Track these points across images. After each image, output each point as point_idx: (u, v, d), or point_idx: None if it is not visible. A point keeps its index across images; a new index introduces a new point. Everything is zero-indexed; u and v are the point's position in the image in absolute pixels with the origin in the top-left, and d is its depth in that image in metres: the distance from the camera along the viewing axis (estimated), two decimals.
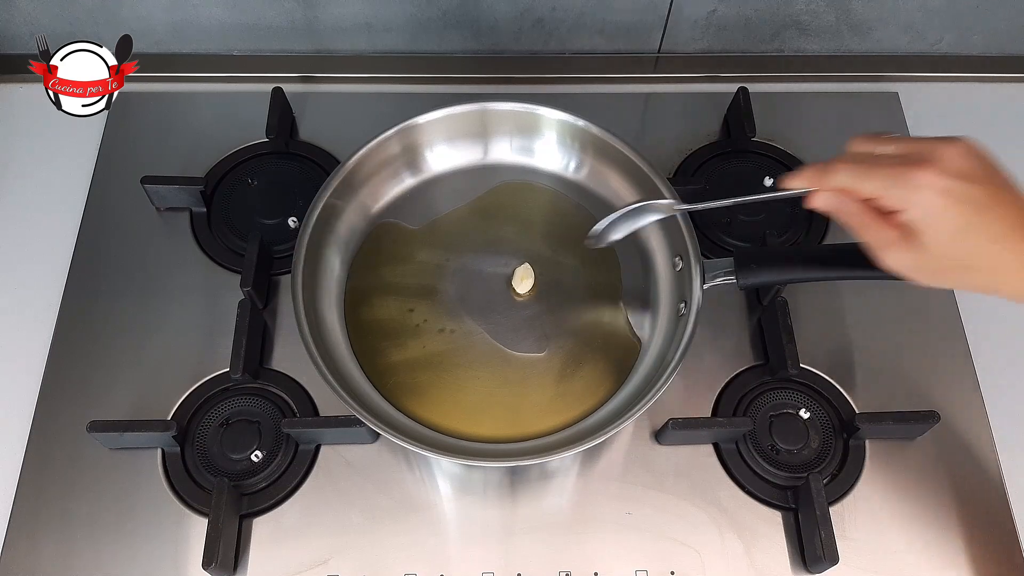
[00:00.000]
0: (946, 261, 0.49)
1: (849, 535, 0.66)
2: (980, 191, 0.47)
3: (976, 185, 0.47)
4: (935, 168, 0.47)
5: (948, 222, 0.47)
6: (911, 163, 0.47)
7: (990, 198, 0.47)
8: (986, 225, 0.47)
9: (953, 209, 0.47)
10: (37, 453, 0.68)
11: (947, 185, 0.47)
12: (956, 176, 0.47)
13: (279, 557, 0.65)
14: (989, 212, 0.47)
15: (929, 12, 0.88)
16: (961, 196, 0.47)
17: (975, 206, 0.47)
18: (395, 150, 0.74)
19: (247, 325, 0.70)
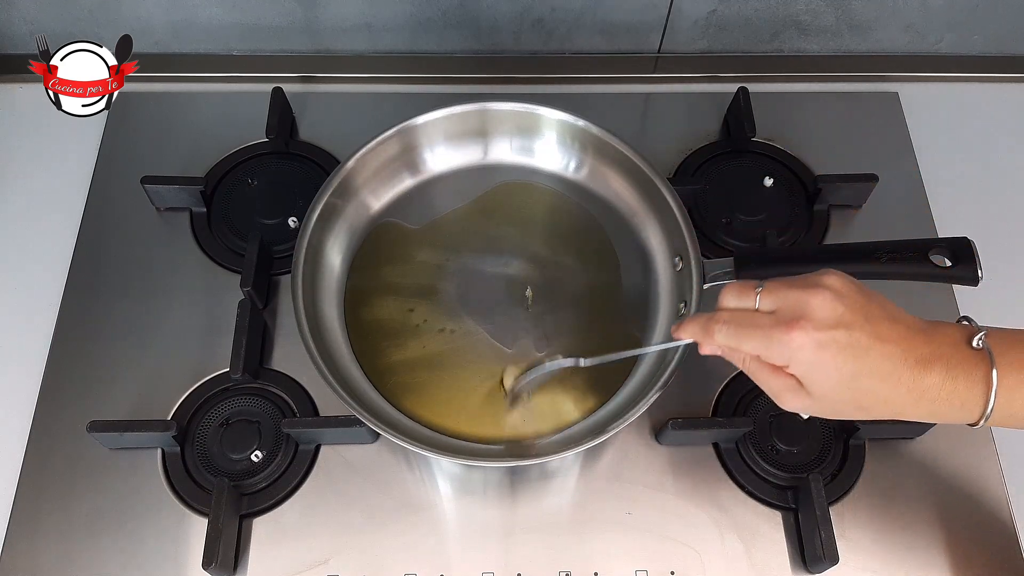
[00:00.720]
0: (841, 405, 0.49)
1: (849, 535, 0.66)
2: (857, 335, 0.47)
3: (852, 331, 0.47)
4: (806, 325, 0.47)
5: (832, 374, 0.48)
6: (783, 323, 0.48)
7: (868, 338, 0.47)
8: (870, 367, 0.47)
9: (832, 361, 0.47)
10: (37, 453, 0.68)
11: (821, 339, 0.47)
12: (829, 327, 0.47)
13: (279, 557, 0.65)
14: (870, 353, 0.47)
15: (929, 12, 0.88)
16: (838, 347, 0.47)
17: (854, 352, 0.47)
18: (395, 150, 0.74)
19: (247, 325, 0.70)
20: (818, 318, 0.47)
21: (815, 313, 0.47)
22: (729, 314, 0.51)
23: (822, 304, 0.47)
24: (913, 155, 0.85)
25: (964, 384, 0.47)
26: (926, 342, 0.48)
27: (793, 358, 0.48)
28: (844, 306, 0.47)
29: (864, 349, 0.47)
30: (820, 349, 0.47)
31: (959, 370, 0.47)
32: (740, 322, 0.50)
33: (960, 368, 0.47)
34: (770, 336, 0.48)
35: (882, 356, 0.47)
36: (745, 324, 0.50)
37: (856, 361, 0.47)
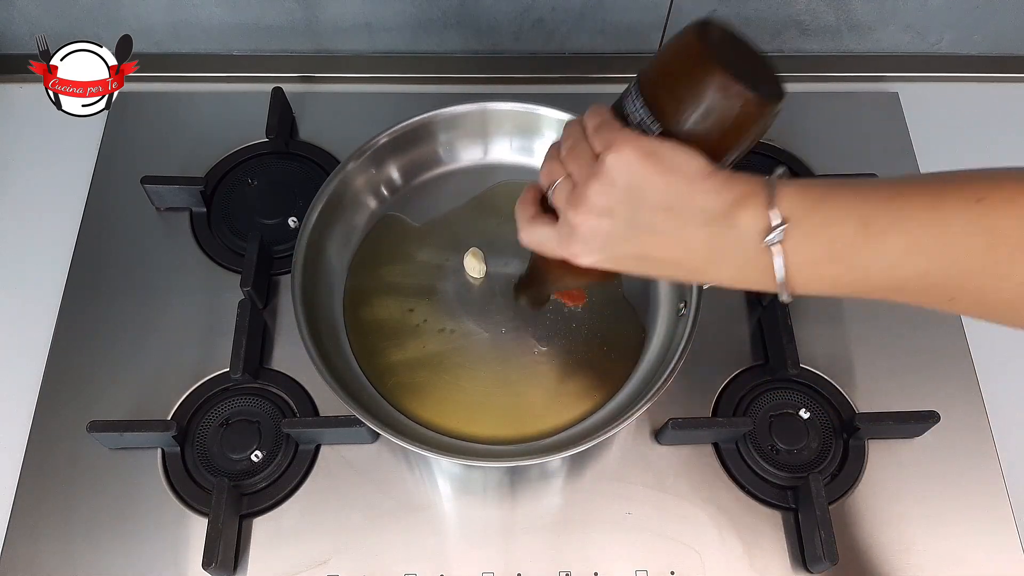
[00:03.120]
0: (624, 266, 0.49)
1: (849, 535, 0.66)
2: (623, 232, 0.46)
3: (617, 226, 0.46)
4: (580, 207, 0.46)
5: (604, 255, 0.48)
6: (572, 198, 0.47)
7: (637, 238, 0.46)
8: (642, 264, 0.47)
9: (604, 245, 0.47)
10: (37, 453, 0.68)
11: (593, 225, 0.47)
12: (598, 215, 0.46)
13: (279, 557, 0.65)
14: (645, 253, 0.47)
15: (929, 12, 0.88)
16: (608, 235, 0.47)
17: (625, 242, 0.47)
18: (395, 150, 0.74)
19: (247, 325, 0.70)
20: (591, 204, 0.46)
21: (590, 198, 0.46)
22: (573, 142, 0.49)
23: (598, 191, 0.46)
24: (913, 155, 0.85)
25: (755, 278, 0.45)
26: (709, 237, 0.45)
27: (572, 234, 0.48)
28: (614, 198, 0.45)
29: (635, 244, 0.46)
30: (592, 233, 0.47)
31: (749, 268, 0.45)
32: (573, 153, 0.48)
33: (749, 269, 0.45)
34: (567, 200, 0.48)
35: (656, 261, 0.47)
36: (573, 156, 0.48)
37: (626, 248, 0.47)
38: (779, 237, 0.43)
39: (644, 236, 0.46)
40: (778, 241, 0.43)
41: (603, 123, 0.46)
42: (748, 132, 0.45)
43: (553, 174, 0.49)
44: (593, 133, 0.47)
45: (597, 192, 0.45)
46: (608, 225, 0.46)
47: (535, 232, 0.52)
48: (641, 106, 0.46)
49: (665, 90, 0.45)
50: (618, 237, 0.46)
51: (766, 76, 0.45)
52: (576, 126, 0.49)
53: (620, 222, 0.46)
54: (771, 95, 0.44)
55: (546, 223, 0.51)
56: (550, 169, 0.50)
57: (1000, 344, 0.76)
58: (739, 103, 0.43)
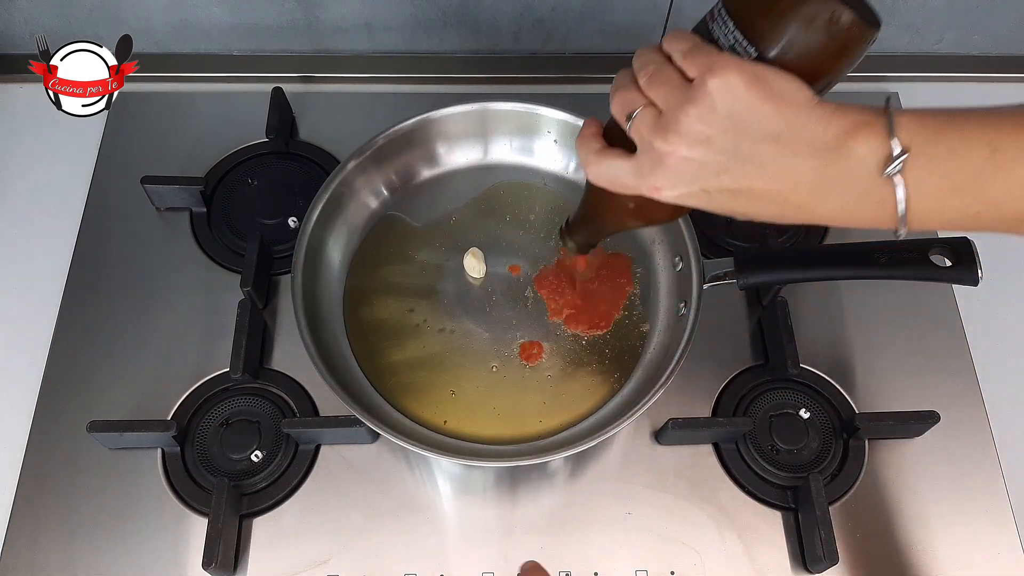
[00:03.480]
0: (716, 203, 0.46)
1: (849, 535, 0.66)
2: (720, 174, 0.43)
3: (715, 163, 0.43)
4: (672, 137, 0.43)
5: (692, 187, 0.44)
6: (659, 126, 0.43)
7: (733, 177, 0.43)
8: (736, 203, 0.44)
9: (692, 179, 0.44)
10: (37, 453, 0.68)
11: (686, 155, 0.43)
12: (694, 144, 0.43)
13: (279, 557, 0.65)
14: (738, 192, 0.44)
15: (929, 12, 0.88)
16: (700, 166, 0.43)
17: (718, 179, 0.44)
18: (395, 150, 0.74)
19: (247, 325, 0.70)
20: (686, 131, 0.42)
21: (686, 125, 0.42)
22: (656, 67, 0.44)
23: (696, 117, 0.42)
24: None
25: (869, 211, 0.42)
26: (819, 168, 0.42)
27: (659, 165, 0.44)
28: (715, 125, 0.42)
29: (733, 176, 0.43)
30: (684, 163, 0.43)
31: (863, 202, 0.42)
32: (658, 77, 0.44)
33: (864, 202, 0.42)
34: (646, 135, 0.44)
35: (754, 195, 0.44)
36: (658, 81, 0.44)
37: (721, 181, 0.44)
38: (900, 167, 0.40)
39: (745, 167, 0.43)
40: (899, 171, 0.40)
41: (695, 47, 0.43)
42: (846, 59, 0.42)
43: (631, 102, 0.44)
44: (684, 57, 0.43)
45: (695, 118, 0.42)
46: (704, 154, 0.42)
47: (607, 165, 0.47)
48: (733, 29, 0.43)
49: (761, 12, 0.42)
50: (714, 167, 0.43)
51: (861, 2, 0.43)
52: (654, 52, 0.45)
53: (719, 151, 0.42)
54: (871, 21, 0.42)
55: (619, 155, 0.46)
56: (626, 97, 0.45)
57: (1000, 344, 0.76)
58: (841, 27, 0.41)
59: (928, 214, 0.42)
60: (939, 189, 0.41)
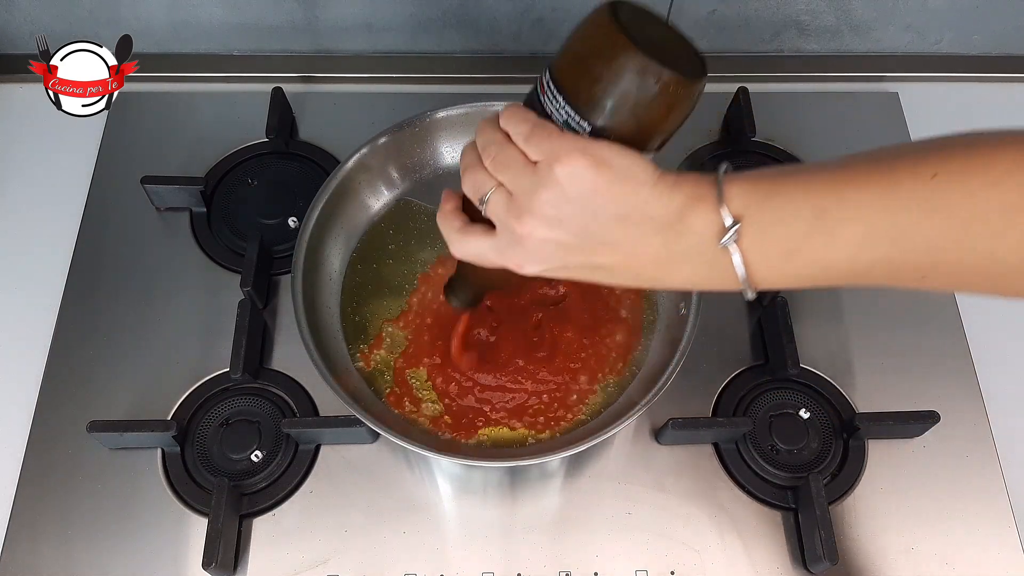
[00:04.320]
0: None
1: (849, 535, 0.66)
2: (574, 245, 0.44)
3: (570, 240, 0.44)
4: (529, 221, 0.44)
5: (547, 264, 0.46)
6: (514, 209, 0.44)
7: (587, 249, 0.45)
8: (594, 274, 0.46)
9: (550, 257, 0.45)
10: (37, 453, 0.68)
11: (544, 236, 0.44)
12: (551, 226, 0.44)
13: (279, 557, 0.65)
14: (595, 263, 0.45)
15: (929, 12, 0.88)
16: (557, 245, 0.45)
17: (575, 255, 0.45)
18: (395, 150, 0.74)
19: (247, 325, 0.70)
20: (540, 215, 0.44)
21: (538, 209, 0.43)
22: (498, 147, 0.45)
23: (547, 201, 0.43)
24: None
25: (717, 278, 0.44)
26: (663, 244, 0.43)
27: (517, 245, 0.46)
28: (566, 210, 0.43)
29: (586, 254, 0.45)
30: (540, 245, 0.45)
31: (708, 270, 0.44)
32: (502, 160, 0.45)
33: (709, 271, 0.44)
34: (502, 219, 0.45)
35: (609, 270, 0.45)
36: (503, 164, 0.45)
37: (577, 259, 0.45)
38: (734, 236, 0.42)
39: (598, 246, 0.44)
40: (734, 240, 0.42)
41: (536, 128, 0.44)
42: (677, 115, 0.44)
43: (482, 185, 0.46)
44: (526, 140, 0.44)
45: (546, 203, 0.43)
46: (559, 236, 0.44)
47: (470, 244, 0.49)
48: (564, 104, 0.43)
49: (585, 86, 0.43)
50: (570, 248, 0.45)
51: (686, 52, 0.44)
52: (494, 131, 0.46)
53: (572, 233, 0.44)
54: (694, 72, 0.43)
55: (481, 233, 0.48)
56: (476, 179, 0.46)
57: (1000, 344, 0.76)
58: (666, 87, 0.41)
59: (769, 278, 0.43)
60: (774, 254, 0.43)
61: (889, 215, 0.40)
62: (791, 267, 0.43)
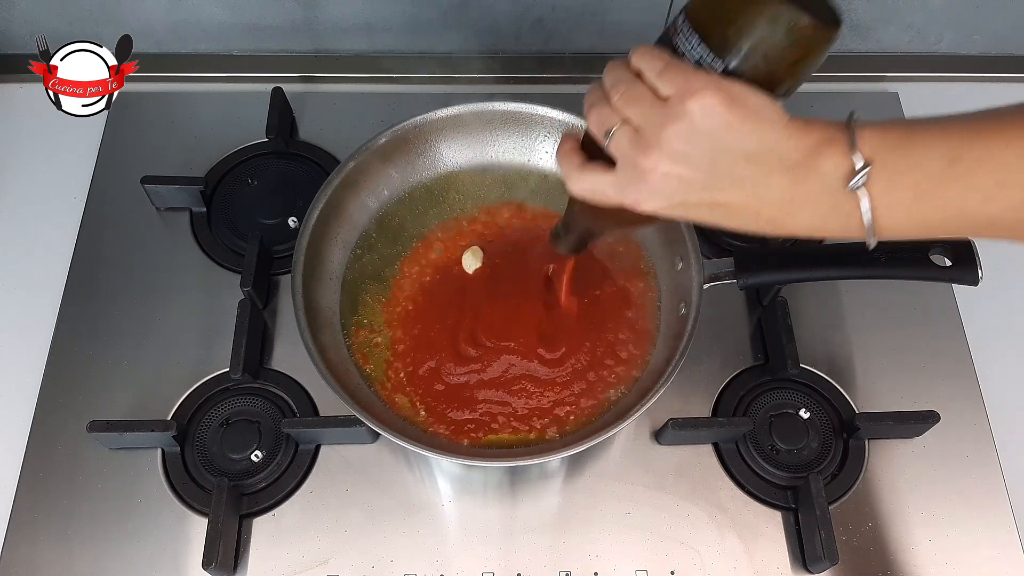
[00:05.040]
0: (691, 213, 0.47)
1: (849, 535, 0.66)
2: (698, 188, 0.45)
3: (694, 180, 0.44)
4: (654, 154, 0.44)
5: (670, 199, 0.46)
6: (641, 143, 0.44)
7: (710, 193, 0.45)
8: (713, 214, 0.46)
9: (672, 193, 0.45)
10: (37, 453, 0.68)
11: (667, 170, 0.44)
12: (675, 162, 0.44)
13: (279, 557, 0.65)
14: (715, 204, 0.45)
15: (929, 12, 0.88)
16: (680, 182, 0.45)
17: (696, 193, 0.45)
18: (395, 150, 0.74)
19: (247, 325, 0.70)
20: (667, 149, 0.44)
21: (667, 143, 0.44)
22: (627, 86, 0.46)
23: (677, 135, 0.43)
24: None
25: (838, 224, 0.44)
26: (789, 184, 0.44)
27: (640, 180, 0.46)
28: (695, 144, 0.43)
29: (711, 192, 0.45)
30: (665, 180, 0.45)
31: (832, 215, 0.44)
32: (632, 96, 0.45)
33: (832, 215, 0.44)
34: (628, 151, 0.45)
35: (730, 210, 0.45)
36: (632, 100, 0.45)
37: (700, 196, 0.45)
38: (864, 180, 0.42)
39: (722, 183, 0.44)
40: (863, 184, 0.42)
41: (668, 65, 0.44)
42: (810, 61, 0.44)
43: (607, 119, 0.46)
44: (659, 76, 0.44)
45: (675, 137, 0.43)
46: (684, 171, 0.44)
47: (589, 179, 0.48)
48: (698, 43, 0.44)
49: (724, 25, 0.43)
50: (694, 184, 0.44)
51: (821, 3, 0.44)
52: (624, 69, 0.46)
53: (698, 168, 0.44)
54: (831, 21, 0.43)
55: (601, 169, 0.48)
56: (602, 114, 0.46)
57: (1000, 344, 0.76)
58: (803, 32, 0.42)
59: (894, 224, 0.43)
60: (903, 199, 0.43)
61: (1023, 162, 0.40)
62: (919, 213, 0.43)
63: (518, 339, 0.67)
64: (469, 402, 0.66)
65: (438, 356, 0.67)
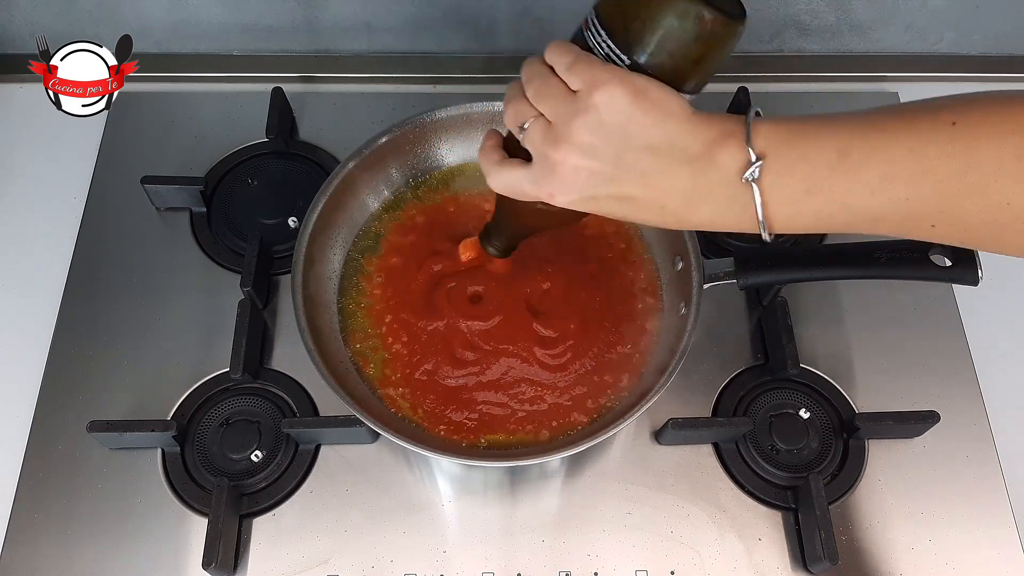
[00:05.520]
0: None
1: (849, 535, 0.66)
2: (606, 172, 0.45)
3: (603, 168, 0.45)
4: (565, 147, 0.45)
5: (577, 193, 0.47)
6: (550, 138, 0.46)
7: (617, 178, 0.46)
8: (621, 208, 0.47)
9: (582, 185, 0.46)
10: (37, 453, 0.68)
11: (576, 164, 0.45)
12: (583, 155, 0.45)
13: (279, 557, 0.65)
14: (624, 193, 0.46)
15: (929, 12, 0.88)
16: (590, 174, 0.46)
17: (604, 183, 0.46)
18: (395, 150, 0.74)
19: (247, 325, 0.70)
20: (575, 141, 0.45)
21: (575, 135, 0.45)
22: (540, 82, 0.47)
23: (583, 127, 0.44)
24: None
25: (735, 217, 0.46)
26: (690, 176, 0.45)
27: (551, 173, 0.47)
28: (601, 136, 0.44)
29: (618, 184, 0.46)
30: (574, 172, 0.46)
31: (729, 207, 0.45)
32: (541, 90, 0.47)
33: (729, 208, 0.45)
34: (538, 149, 0.47)
35: (637, 203, 0.46)
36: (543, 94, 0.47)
37: (608, 189, 0.46)
38: (756, 173, 0.43)
39: (628, 176, 0.45)
40: (755, 177, 0.44)
41: (577, 59, 0.45)
42: (715, 56, 0.45)
43: (522, 113, 0.47)
44: (568, 70, 0.45)
45: (582, 129, 0.44)
46: (592, 164, 0.45)
47: (506, 175, 0.50)
48: (605, 38, 0.45)
49: (629, 20, 0.44)
50: (601, 176, 0.46)
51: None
52: (538, 64, 0.48)
53: (605, 161, 0.45)
54: (735, 15, 0.44)
55: (517, 165, 0.49)
56: (517, 109, 0.48)
57: (1000, 344, 0.76)
58: (707, 27, 0.43)
59: (786, 217, 0.45)
60: (794, 192, 0.44)
61: (910, 157, 0.42)
62: (809, 206, 0.44)
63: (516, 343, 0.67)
64: (468, 403, 0.66)
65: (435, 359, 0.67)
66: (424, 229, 0.74)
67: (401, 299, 0.70)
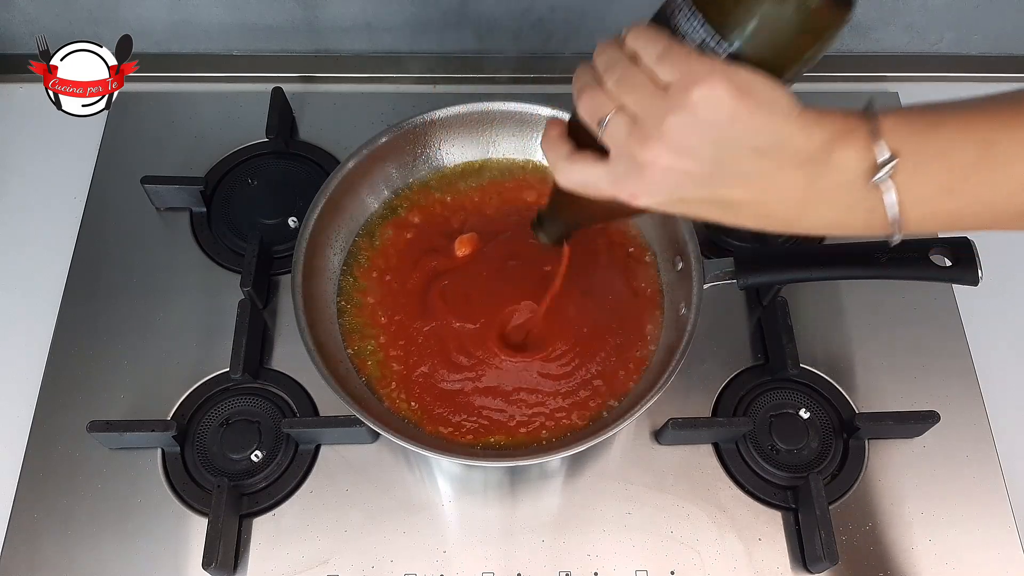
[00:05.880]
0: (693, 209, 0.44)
1: (849, 535, 0.66)
2: (701, 179, 0.41)
3: (698, 170, 0.41)
4: (656, 146, 0.41)
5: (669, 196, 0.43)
6: (638, 134, 0.41)
7: (713, 186, 0.42)
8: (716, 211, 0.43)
9: (674, 189, 0.42)
10: (37, 453, 0.68)
11: (668, 163, 0.41)
12: (678, 154, 0.41)
13: (279, 557, 0.65)
14: (717, 200, 0.43)
15: (929, 12, 0.88)
16: (683, 175, 0.41)
17: (699, 189, 0.42)
18: (395, 150, 0.74)
19: (247, 325, 0.70)
20: (669, 141, 0.40)
21: (668, 135, 0.40)
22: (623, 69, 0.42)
23: (679, 126, 0.40)
24: None
25: (860, 221, 0.41)
26: (804, 180, 0.41)
27: (636, 174, 0.42)
28: (699, 136, 0.40)
29: (715, 188, 0.42)
30: (665, 174, 0.41)
31: (852, 211, 0.41)
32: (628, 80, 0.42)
33: (852, 212, 0.41)
34: (625, 144, 0.42)
35: (738, 208, 0.42)
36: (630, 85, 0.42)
37: (702, 192, 0.42)
38: (889, 172, 0.39)
39: (728, 179, 0.41)
40: (887, 177, 0.39)
41: (669, 48, 0.40)
42: (819, 45, 0.41)
43: (601, 106, 0.42)
44: (658, 60, 0.40)
45: (678, 128, 0.40)
46: (687, 165, 0.41)
47: (579, 171, 0.45)
48: (702, 23, 0.40)
49: (730, 2, 0.40)
50: (696, 179, 0.41)
51: None
52: (618, 50, 0.42)
53: (702, 163, 0.40)
54: (843, 3, 0.40)
55: (591, 160, 0.44)
56: (594, 101, 0.42)
57: (1000, 344, 0.76)
58: (814, 13, 0.39)
59: (922, 218, 0.41)
60: (931, 192, 0.40)
61: None
62: (949, 206, 0.40)
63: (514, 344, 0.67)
64: (467, 404, 0.66)
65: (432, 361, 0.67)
66: (424, 229, 0.74)
67: (399, 300, 0.70)
